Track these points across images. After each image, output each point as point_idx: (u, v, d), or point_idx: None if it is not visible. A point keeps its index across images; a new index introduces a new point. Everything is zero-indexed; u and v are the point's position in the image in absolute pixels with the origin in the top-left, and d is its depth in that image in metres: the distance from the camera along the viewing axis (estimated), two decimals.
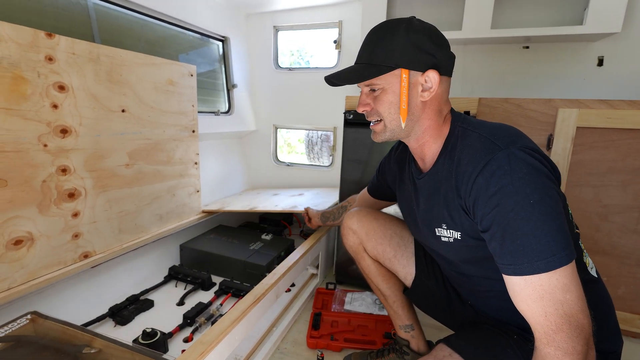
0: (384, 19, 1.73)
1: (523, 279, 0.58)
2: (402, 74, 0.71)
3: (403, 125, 0.74)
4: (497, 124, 0.71)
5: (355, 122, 1.51)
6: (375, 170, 1.12)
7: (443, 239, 0.78)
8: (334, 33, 2.07)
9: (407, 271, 1.01)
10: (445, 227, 0.76)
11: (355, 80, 0.74)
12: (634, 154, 1.26)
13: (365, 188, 1.20)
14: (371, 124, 0.80)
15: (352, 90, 2.06)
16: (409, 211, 0.91)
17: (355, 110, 1.55)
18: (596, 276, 0.75)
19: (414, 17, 0.74)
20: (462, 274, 0.84)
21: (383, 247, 1.02)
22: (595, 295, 0.70)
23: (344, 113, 1.52)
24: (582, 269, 0.67)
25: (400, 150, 0.97)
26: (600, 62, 1.62)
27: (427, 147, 0.79)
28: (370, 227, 1.03)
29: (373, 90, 0.75)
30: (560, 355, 0.55)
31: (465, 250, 0.75)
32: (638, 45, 1.53)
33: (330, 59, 2.16)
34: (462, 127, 0.73)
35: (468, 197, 0.66)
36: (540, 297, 0.57)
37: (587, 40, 1.59)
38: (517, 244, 0.58)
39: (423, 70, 0.71)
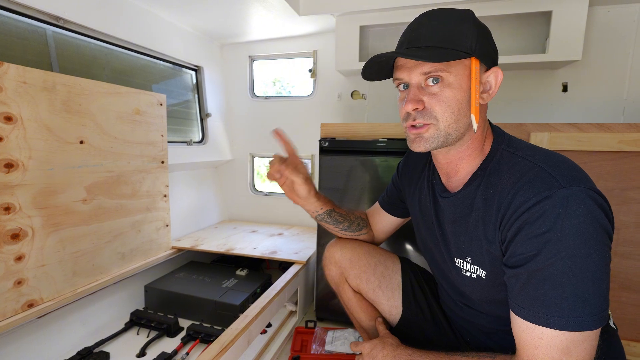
0: (357, 49, 1.75)
1: (530, 325, 0.53)
2: (474, 64, 0.59)
3: (475, 126, 0.61)
4: (551, 152, 0.60)
5: (331, 149, 1.47)
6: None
7: (464, 272, 0.69)
8: (309, 62, 2.09)
9: (393, 304, 0.93)
10: (470, 261, 0.67)
11: (433, 58, 0.57)
12: (605, 176, 1.26)
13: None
14: (414, 128, 0.63)
15: (328, 117, 2.06)
16: (426, 227, 0.80)
17: (332, 138, 1.54)
18: (615, 327, 0.69)
19: None
20: (472, 308, 0.76)
21: (367, 276, 0.94)
22: (608, 346, 0.64)
23: (319, 140, 1.49)
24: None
25: (418, 153, 0.84)
26: (565, 88, 1.68)
27: (463, 164, 0.67)
28: (355, 254, 0.96)
29: (435, 81, 0.60)
30: None
31: (487, 290, 0.67)
32: (598, 72, 1.61)
33: (306, 88, 2.16)
34: (508, 151, 0.63)
35: (507, 230, 0.57)
36: (539, 347, 0.51)
37: (552, 68, 1.66)
38: (539, 292, 0.52)
39: (489, 66, 0.61)
